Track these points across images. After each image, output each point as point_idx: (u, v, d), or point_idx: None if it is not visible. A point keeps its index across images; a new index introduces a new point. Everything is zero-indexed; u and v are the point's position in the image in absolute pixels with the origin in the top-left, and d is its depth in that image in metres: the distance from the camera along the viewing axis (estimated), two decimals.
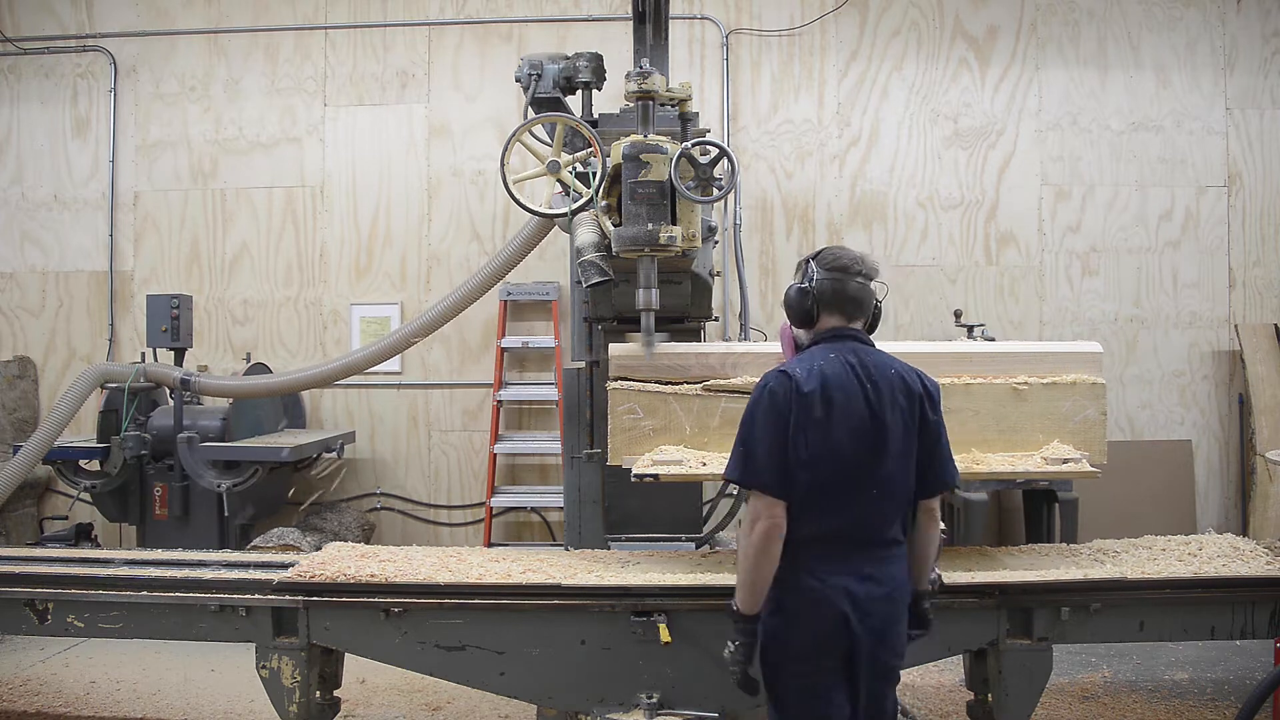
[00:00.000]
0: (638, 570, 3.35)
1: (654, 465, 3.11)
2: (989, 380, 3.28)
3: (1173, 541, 3.55)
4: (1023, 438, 3.25)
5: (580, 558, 3.58)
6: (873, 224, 6.93)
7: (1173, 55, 6.91)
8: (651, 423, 3.27)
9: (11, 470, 5.19)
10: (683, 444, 3.26)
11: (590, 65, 4.55)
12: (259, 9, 7.13)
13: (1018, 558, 3.47)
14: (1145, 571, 3.17)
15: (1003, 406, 3.26)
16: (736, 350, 3.34)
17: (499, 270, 4.77)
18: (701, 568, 3.39)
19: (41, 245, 7.23)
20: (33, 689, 4.85)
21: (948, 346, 3.41)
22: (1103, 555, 3.44)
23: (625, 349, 3.39)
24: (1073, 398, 3.27)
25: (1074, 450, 3.19)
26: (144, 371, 5.70)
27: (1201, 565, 3.23)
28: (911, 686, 4.76)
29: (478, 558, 3.49)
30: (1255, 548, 3.37)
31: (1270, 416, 6.51)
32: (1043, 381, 3.28)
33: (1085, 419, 3.27)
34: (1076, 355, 3.37)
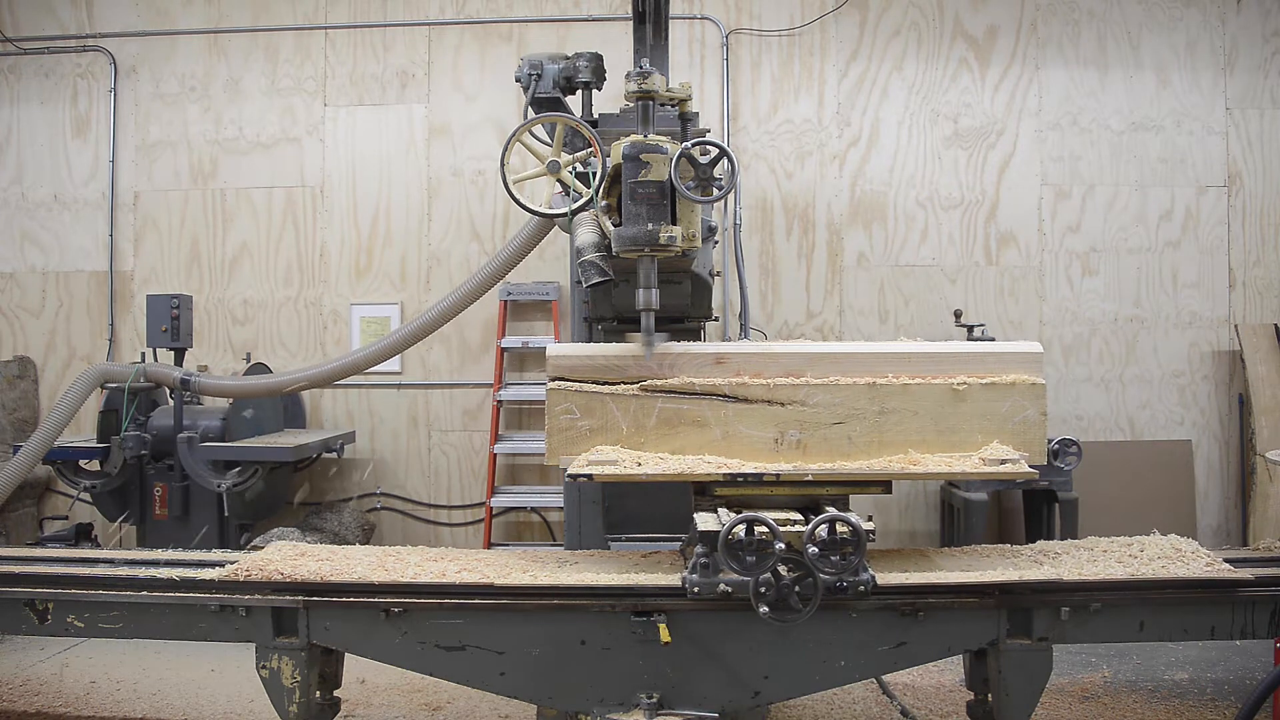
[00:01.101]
0: (574, 570, 3.35)
1: (589, 465, 3.11)
2: (927, 380, 3.26)
3: (1115, 543, 3.54)
4: (962, 438, 3.24)
5: (520, 558, 3.59)
6: (873, 224, 6.93)
7: (1173, 55, 6.91)
8: (588, 423, 3.28)
9: (11, 470, 5.18)
10: (619, 444, 3.26)
11: (590, 65, 4.56)
12: (259, 9, 7.13)
13: (954, 559, 3.45)
14: (1082, 573, 3.14)
15: (942, 407, 3.24)
16: (673, 351, 3.34)
17: (499, 270, 4.77)
18: (640, 568, 3.39)
19: (41, 245, 7.23)
20: (33, 689, 4.85)
21: (888, 346, 3.39)
22: (1043, 556, 3.42)
23: (562, 349, 3.40)
24: (1012, 398, 3.25)
25: (1013, 451, 3.17)
26: (144, 371, 5.70)
27: (1140, 567, 3.21)
28: (911, 686, 4.76)
29: (416, 557, 3.50)
30: (1197, 549, 3.35)
31: (1270, 416, 6.51)
32: (982, 382, 3.26)
33: (1025, 419, 3.26)
34: (1017, 355, 3.34)
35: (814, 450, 3.24)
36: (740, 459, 3.21)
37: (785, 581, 2.89)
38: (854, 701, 4.58)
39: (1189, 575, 3.15)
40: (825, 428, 3.24)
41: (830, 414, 3.24)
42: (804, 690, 3.25)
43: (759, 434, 3.25)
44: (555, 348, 3.40)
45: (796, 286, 6.94)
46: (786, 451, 3.24)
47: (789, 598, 2.89)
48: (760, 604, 2.89)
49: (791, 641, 3.11)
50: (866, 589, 2.96)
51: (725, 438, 3.25)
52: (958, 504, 6.15)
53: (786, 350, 3.35)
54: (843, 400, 3.24)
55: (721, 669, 3.11)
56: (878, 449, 3.23)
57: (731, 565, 2.88)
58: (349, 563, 3.39)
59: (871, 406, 3.24)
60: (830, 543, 2.86)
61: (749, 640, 3.11)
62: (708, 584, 2.99)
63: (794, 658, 3.12)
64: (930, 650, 3.17)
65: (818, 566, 2.85)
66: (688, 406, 3.26)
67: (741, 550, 2.86)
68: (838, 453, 3.23)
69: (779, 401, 3.25)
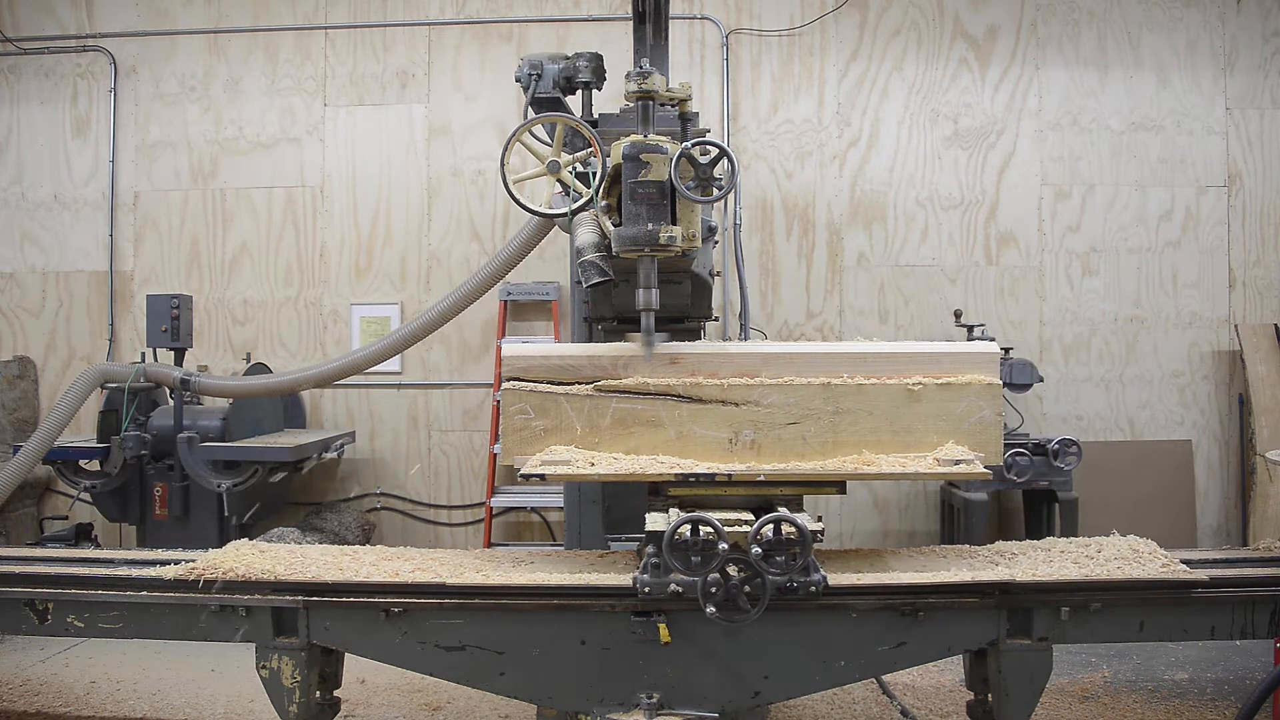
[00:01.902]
0: (528, 570, 3.35)
1: (542, 465, 3.10)
2: (882, 381, 3.25)
3: (1073, 544, 3.53)
4: (917, 439, 3.22)
5: (474, 557, 3.58)
6: (873, 224, 6.93)
7: (1173, 55, 6.91)
8: (543, 423, 3.28)
9: (11, 470, 5.18)
10: (574, 444, 3.26)
11: (590, 65, 4.55)
12: (259, 9, 7.13)
13: (908, 560, 3.45)
14: (1036, 574, 3.14)
15: (897, 407, 3.23)
16: (627, 351, 3.35)
17: (499, 270, 4.76)
18: (596, 568, 3.39)
19: (41, 245, 7.23)
20: (33, 689, 4.85)
21: (843, 347, 3.39)
22: (999, 557, 3.42)
23: (516, 349, 3.40)
24: (968, 399, 3.24)
25: (968, 451, 3.17)
26: (144, 371, 5.70)
27: (1095, 568, 3.20)
28: (911, 686, 4.76)
29: (371, 556, 3.51)
30: (1155, 550, 3.35)
31: (1270, 416, 6.51)
32: (937, 382, 3.26)
33: (980, 420, 3.25)
34: (973, 356, 3.34)
35: (768, 450, 3.23)
36: (694, 459, 3.21)
37: (734, 582, 2.89)
38: (854, 701, 4.58)
39: (1143, 576, 3.13)
40: (780, 428, 3.23)
41: (785, 414, 3.24)
42: (804, 690, 3.25)
43: (713, 434, 3.24)
44: (510, 347, 3.40)
45: (796, 286, 6.94)
46: (741, 452, 3.23)
47: (737, 598, 2.90)
48: (708, 604, 2.90)
49: (791, 641, 3.11)
50: (818, 589, 2.97)
51: (680, 438, 3.25)
52: (958, 504, 6.15)
53: (741, 350, 3.35)
54: (797, 400, 3.24)
55: (721, 669, 3.11)
56: (833, 449, 3.23)
57: (676, 565, 2.88)
58: (304, 561, 3.41)
59: (826, 407, 3.23)
60: (777, 543, 2.86)
61: (749, 640, 3.11)
62: (658, 584, 2.99)
63: (794, 658, 3.12)
64: (930, 650, 3.17)
65: (763, 567, 2.85)
66: (642, 407, 3.26)
67: (687, 550, 2.87)
68: (792, 453, 3.23)
69: (733, 402, 3.25)
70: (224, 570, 3.30)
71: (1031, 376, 6.27)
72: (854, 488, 6.84)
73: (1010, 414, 6.49)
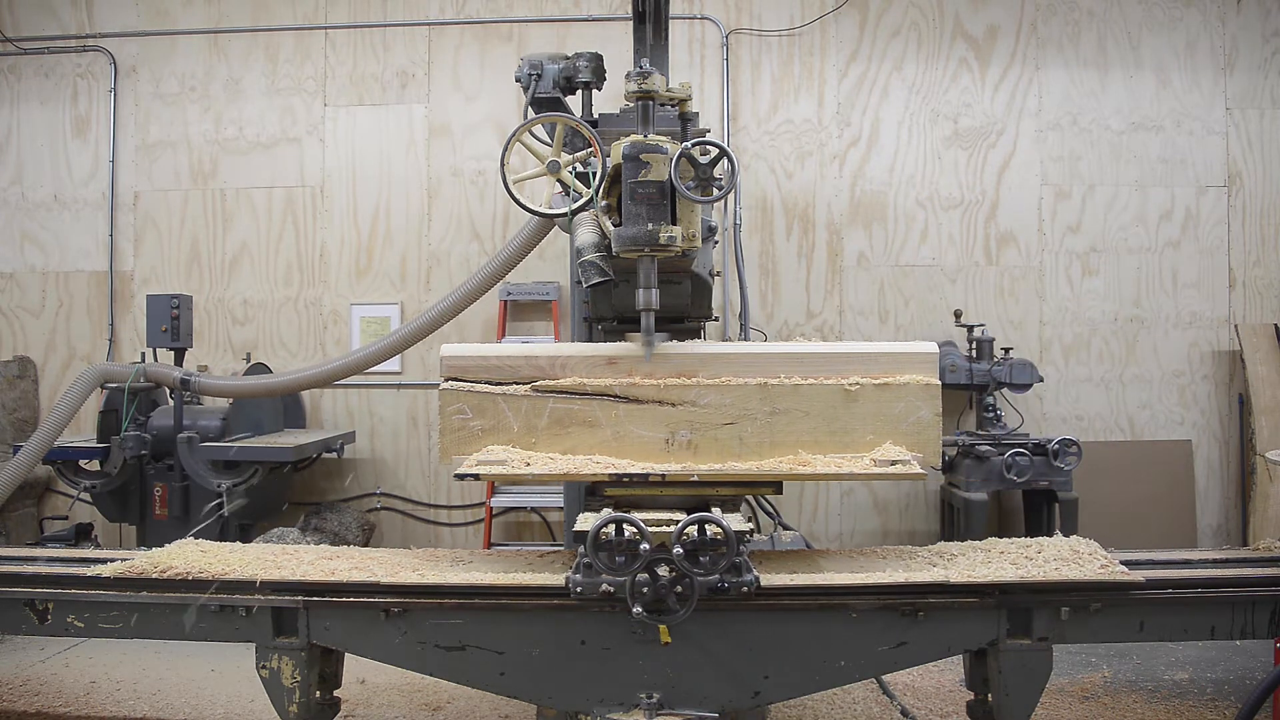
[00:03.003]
0: (469, 569, 3.34)
1: (478, 465, 3.10)
2: (819, 381, 3.24)
3: (1014, 544, 3.51)
4: (854, 439, 3.21)
5: (414, 556, 3.58)
6: (873, 224, 6.93)
7: (1173, 55, 6.91)
8: (480, 423, 3.28)
9: (11, 470, 5.18)
10: (511, 444, 3.26)
11: (590, 65, 4.55)
12: (259, 9, 7.13)
13: (842, 560, 3.44)
14: (971, 576, 3.12)
15: (834, 408, 3.22)
16: (565, 352, 3.34)
17: (499, 270, 4.76)
18: (535, 567, 3.39)
19: (41, 245, 7.23)
20: (33, 689, 4.85)
21: (781, 347, 3.37)
22: (938, 558, 3.40)
23: (455, 349, 3.40)
24: (906, 399, 3.24)
25: (905, 452, 3.16)
26: (144, 371, 5.70)
27: (1032, 569, 3.18)
28: (911, 687, 4.76)
29: (311, 555, 3.52)
30: (1095, 551, 3.33)
31: (1270, 416, 6.51)
32: (875, 382, 3.25)
33: (918, 420, 3.25)
34: (913, 356, 3.33)
35: (705, 451, 3.23)
36: (631, 459, 3.20)
37: (663, 582, 2.90)
38: (854, 701, 4.58)
39: (1078, 578, 3.11)
40: (716, 428, 3.23)
41: (721, 414, 3.23)
42: (804, 690, 3.25)
43: (650, 434, 3.24)
44: (449, 348, 3.40)
45: (796, 286, 6.94)
46: (677, 452, 3.23)
47: (666, 598, 2.90)
48: (635, 604, 2.90)
49: (791, 641, 3.11)
50: (750, 590, 2.97)
51: (617, 438, 3.24)
52: (958, 504, 6.15)
53: (678, 351, 3.34)
54: (734, 401, 3.23)
55: (721, 669, 3.11)
56: (770, 450, 3.22)
57: (600, 564, 2.89)
58: (243, 560, 3.42)
59: (763, 407, 3.22)
60: (702, 544, 2.86)
61: (749, 640, 3.11)
62: (590, 584, 2.99)
63: (794, 658, 3.12)
64: (930, 650, 3.17)
65: (685, 567, 2.85)
66: (579, 407, 3.26)
67: (612, 550, 2.87)
68: (729, 453, 3.22)
69: (670, 402, 3.24)
70: (161, 568, 3.32)
71: (1031, 376, 6.27)
72: (855, 489, 6.85)
73: (1010, 414, 6.49)
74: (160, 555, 3.46)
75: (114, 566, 3.37)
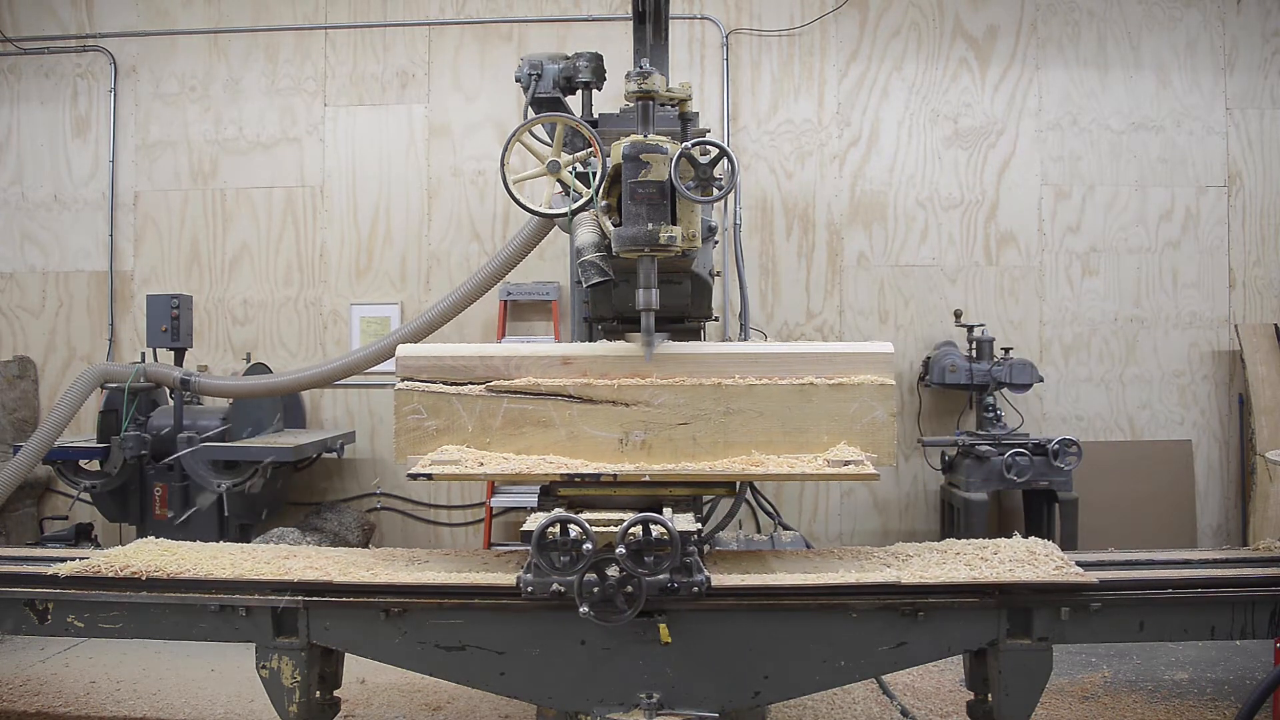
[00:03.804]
0: (423, 569, 3.34)
1: (432, 465, 3.11)
2: (774, 381, 3.24)
3: (970, 545, 3.51)
4: (809, 439, 3.21)
5: (370, 556, 3.58)
6: (873, 224, 6.93)
7: (1173, 55, 6.91)
8: (435, 423, 3.28)
9: (11, 470, 5.18)
10: (466, 444, 3.26)
11: (590, 65, 4.55)
12: (259, 9, 7.13)
13: (794, 561, 3.43)
14: (923, 577, 3.12)
15: (789, 408, 3.22)
16: (520, 352, 3.35)
17: (499, 270, 4.77)
18: (490, 566, 3.38)
19: (41, 245, 7.23)
20: (33, 689, 4.85)
21: (735, 347, 3.38)
22: (894, 558, 3.40)
23: (410, 349, 3.39)
24: (860, 399, 3.23)
25: (859, 452, 3.15)
26: (144, 371, 5.70)
27: (986, 570, 3.17)
28: (911, 687, 4.76)
29: (268, 554, 3.54)
30: (1051, 552, 3.33)
31: (1270, 416, 6.51)
32: (830, 382, 3.24)
33: (873, 420, 3.23)
34: (867, 356, 3.31)
35: (658, 451, 3.23)
36: (585, 459, 3.20)
37: (611, 582, 2.90)
38: (854, 701, 4.58)
39: (1031, 579, 3.11)
40: (670, 428, 3.23)
41: (675, 414, 3.23)
42: (804, 690, 3.25)
43: (604, 434, 3.24)
44: (404, 348, 3.41)
45: (796, 286, 6.94)
46: (631, 452, 3.23)
47: (614, 598, 2.90)
48: (583, 604, 2.90)
49: (791, 641, 3.11)
50: (701, 590, 2.97)
51: (571, 438, 3.24)
52: (958, 504, 6.15)
53: (632, 352, 3.34)
54: (687, 401, 3.23)
55: (721, 669, 3.11)
56: (723, 450, 3.21)
57: (544, 564, 2.89)
58: (198, 559, 3.44)
59: (717, 407, 3.22)
60: (647, 544, 2.86)
61: (749, 640, 3.11)
62: (541, 584, 3.00)
63: (794, 658, 3.12)
64: (930, 650, 3.17)
65: (629, 566, 2.86)
66: (533, 407, 3.26)
67: (558, 550, 2.88)
68: (683, 453, 3.22)
69: (624, 402, 3.24)
70: (120, 567, 3.33)
71: (1031, 376, 6.27)
72: (855, 489, 6.85)
73: (1010, 414, 6.50)
74: (116, 555, 3.47)
75: (70, 566, 3.38)
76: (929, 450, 6.64)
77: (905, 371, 6.87)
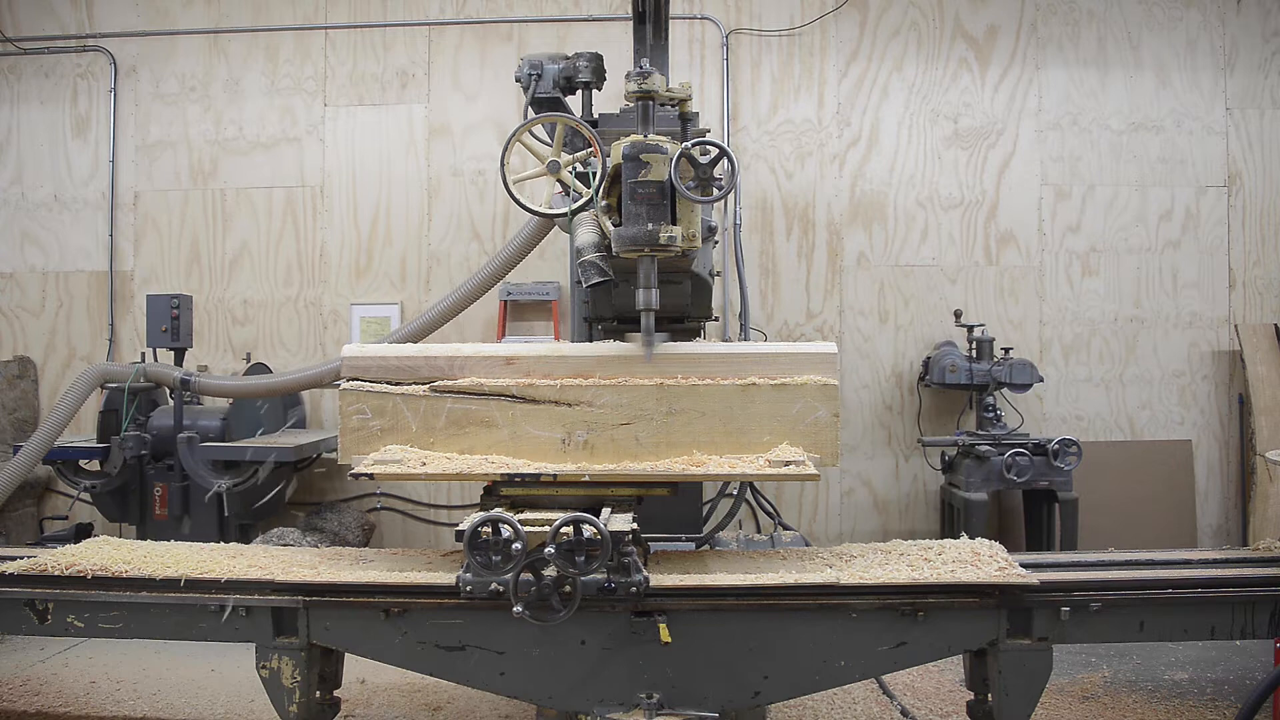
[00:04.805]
0: (368, 568, 3.34)
1: (374, 465, 3.12)
2: (716, 382, 3.24)
3: (916, 546, 3.51)
4: (751, 439, 3.20)
5: (316, 555, 3.59)
6: (873, 224, 6.93)
7: (1173, 55, 6.92)
8: (380, 423, 3.29)
9: (11, 470, 5.19)
10: (410, 444, 3.27)
11: (590, 65, 4.55)
12: (259, 9, 7.13)
13: (733, 561, 3.43)
14: (863, 577, 3.11)
15: (731, 408, 3.22)
16: (464, 352, 3.35)
17: (499, 270, 4.77)
18: (434, 566, 3.38)
19: (41, 245, 7.23)
20: (33, 689, 4.85)
21: (679, 348, 3.38)
22: (836, 559, 3.39)
23: (356, 349, 3.40)
24: (803, 399, 3.22)
25: (801, 452, 3.15)
26: (144, 371, 5.70)
27: (927, 570, 3.17)
28: (911, 687, 4.76)
29: (221, 554, 3.56)
30: (995, 553, 3.32)
31: (1270, 416, 6.51)
32: (772, 383, 3.24)
33: (816, 420, 3.22)
34: (810, 356, 3.31)
35: (601, 451, 3.23)
36: (528, 460, 3.21)
37: (546, 581, 2.90)
38: (854, 701, 4.58)
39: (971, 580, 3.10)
40: (613, 428, 3.23)
41: (618, 415, 3.23)
42: (804, 690, 3.25)
43: (547, 434, 3.24)
44: (350, 348, 3.42)
45: (796, 286, 6.94)
46: (574, 452, 3.23)
47: (550, 598, 2.91)
48: (517, 603, 2.91)
49: (791, 641, 3.11)
50: (640, 590, 2.98)
51: (514, 438, 3.25)
52: (958, 504, 6.15)
53: (576, 352, 3.35)
54: (630, 401, 3.23)
55: (721, 669, 3.11)
56: (666, 450, 3.21)
57: (475, 563, 2.91)
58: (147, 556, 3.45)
59: (660, 408, 3.22)
60: (578, 544, 2.86)
61: (749, 640, 3.11)
62: (480, 583, 3.00)
63: (794, 658, 3.12)
64: (930, 650, 3.17)
65: (559, 565, 2.86)
66: (476, 407, 3.27)
67: (490, 550, 2.89)
68: (625, 453, 3.22)
69: (566, 402, 3.24)
70: (66, 565, 3.34)
71: (1031, 376, 6.27)
72: (855, 489, 6.85)
73: (1010, 414, 6.49)
74: (63, 554, 3.47)
75: (19, 564, 3.38)
76: (929, 450, 6.64)
77: (905, 371, 6.87)
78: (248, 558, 3.52)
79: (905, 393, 6.85)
